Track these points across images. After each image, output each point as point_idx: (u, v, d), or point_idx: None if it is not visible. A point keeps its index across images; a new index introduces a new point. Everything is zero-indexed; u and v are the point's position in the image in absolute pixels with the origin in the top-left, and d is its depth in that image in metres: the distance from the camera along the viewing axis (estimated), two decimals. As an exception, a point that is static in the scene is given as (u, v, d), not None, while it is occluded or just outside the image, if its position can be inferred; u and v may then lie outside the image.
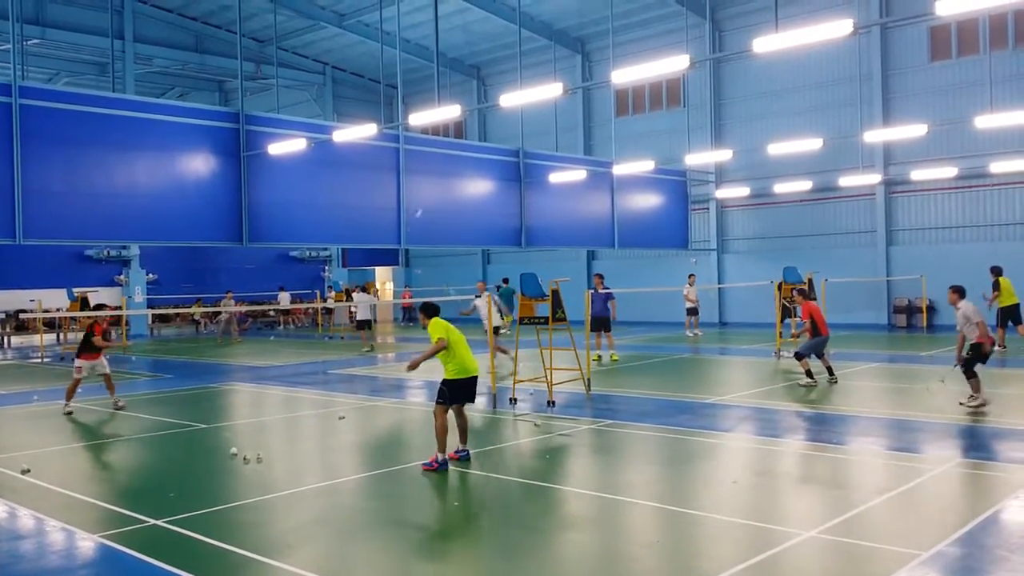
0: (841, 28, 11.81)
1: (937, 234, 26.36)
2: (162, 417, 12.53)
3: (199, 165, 19.10)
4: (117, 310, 21.63)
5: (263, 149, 19.66)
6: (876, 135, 24.08)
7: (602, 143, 32.68)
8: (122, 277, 31.84)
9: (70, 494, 8.07)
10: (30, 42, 28.94)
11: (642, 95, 32.60)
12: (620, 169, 26.97)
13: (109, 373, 13.30)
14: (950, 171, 25.01)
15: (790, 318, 18.86)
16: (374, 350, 23.22)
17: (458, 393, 8.81)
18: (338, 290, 35.10)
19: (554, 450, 9.72)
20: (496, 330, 16.07)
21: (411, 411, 12.81)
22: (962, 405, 11.45)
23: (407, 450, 10.07)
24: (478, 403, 11.78)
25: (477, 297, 17.72)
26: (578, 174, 26.45)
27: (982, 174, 24.94)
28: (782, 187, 27.95)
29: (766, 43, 12.77)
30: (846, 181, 26.32)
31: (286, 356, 22.67)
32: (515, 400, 12.55)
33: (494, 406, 12.58)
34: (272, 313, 36.45)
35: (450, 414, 8.86)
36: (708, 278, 29.97)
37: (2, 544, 6.56)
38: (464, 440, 9.05)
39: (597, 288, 18.27)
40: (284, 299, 33.31)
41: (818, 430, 10.52)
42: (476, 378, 8.90)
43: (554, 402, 12.48)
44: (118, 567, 6.11)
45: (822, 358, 14.28)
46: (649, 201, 29.89)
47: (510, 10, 29.14)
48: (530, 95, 16.81)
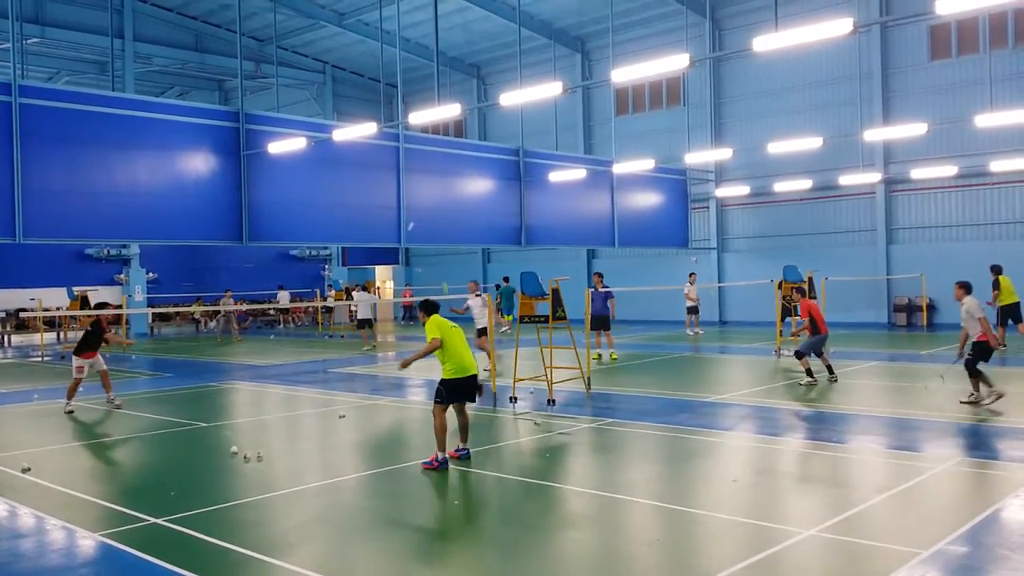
0: (841, 27, 11.81)
1: (937, 233, 26.36)
2: (162, 416, 12.54)
3: (199, 164, 19.10)
4: (118, 309, 21.58)
5: (263, 148, 19.65)
6: (876, 134, 24.07)
7: (602, 142, 32.68)
8: (122, 276, 31.85)
9: (70, 493, 8.07)
10: (30, 41, 28.94)
11: (642, 94, 32.59)
12: (620, 168, 26.96)
13: (106, 370, 13.33)
14: (950, 170, 25.01)
15: (790, 317, 18.86)
16: (375, 349, 23.22)
17: (456, 392, 8.78)
18: (338, 289, 35.10)
19: (554, 449, 9.72)
20: (483, 331, 16.05)
21: (411, 410, 12.81)
22: (963, 404, 11.46)
23: (407, 449, 10.07)
24: (478, 402, 11.78)
25: (477, 296, 17.61)
26: (578, 173, 26.44)
27: (982, 173, 24.94)
28: (782, 186, 27.95)
29: (766, 42, 12.77)
30: (846, 180, 26.32)
31: (286, 355, 22.68)
32: (515, 399, 12.55)
33: (494, 405, 12.59)
34: (272, 312, 36.45)
35: (451, 412, 8.86)
36: (708, 277, 29.97)
37: (3, 543, 6.56)
38: (465, 439, 9.05)
39: (596, 287, 18.25)
40: (283, 298, 33.32)
41: (818, 429, 10.52)
42: (475, 377, 8.88)
43: (554, 401, 12.50)
44: (118, 566, 6.12)
45: (821, 356, 14.29)
46: (649, 200, 29.88)
47: (510, 9, 29.14)
48: (530, 94, 16.79)
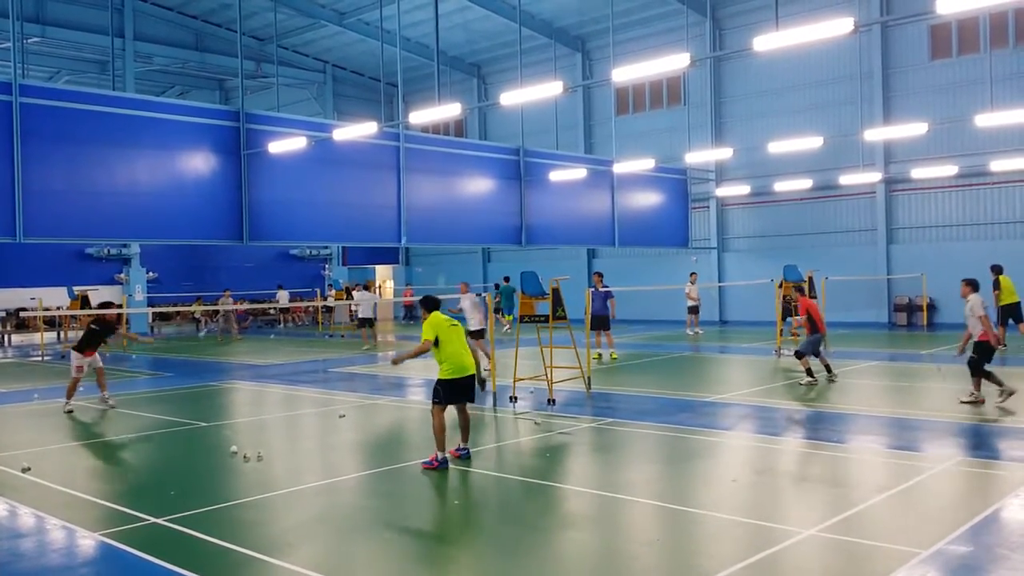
0: (842, 26, 11.80)
1: (937, 232, 26.35)
2: (162, 415, 12.54)
3: (199, 163, 19.09)
4: (119, 308, 21.58)
5: (263, 147, 19.64)
6: (876, 133, 24.06)
7: (602, 141, 32.67)
8: (122, 275, 31.85)
9: (71, 492, 8.08)
10: (30, 40, 28.93)
11: (642, 93, 32.58)
12: (620, 167, 26.94)
13: (103, 368, 13.34)
14: (950, 169, 25.00)
15: (791, 316, 18.86)
16: (375, 348, 23.22)
17: (453, 393, 8.75)
18: (338, 288, 35.10)
19: (554, 448, 9.72)
20: (480, 332, 15.98)
21: (411, 409, 12.81)
22: (963, 403, 11.46)
23: (407, 448, 10.07)
24: (478, 401, 11.78)
25: (477, 296, 17.57)
26: (578, 172, 26.44)
27: (982, 172, 24.93)
28: (782, 185, 27.93)
29: (766, 41, 12.76)
30: (846, 179, 26.30)
31: (286, 354, 22.68)
32: (515, 398, 12.55)
33: (494, 404, 12.58)
34: (272, 311, 36.46)
35: (452, 411, 8.86)
36: (708, 276, 29.96)
37: (3, 542, 6.56)
38: (465, 438, 9.04)
39: (596, 287, 18.24)
40: (283, 297, 33.33)
41: (818, 428, 10.52)
42: (473, 377, 8.87)
43: (554, 400, 12.50)
44: (119, 565, 6.12)
45: (819, 356, 14.29)
46: (649, 199, 29.87)
47: (510, 8, 29.12)
48: (530, 93, 16.78)
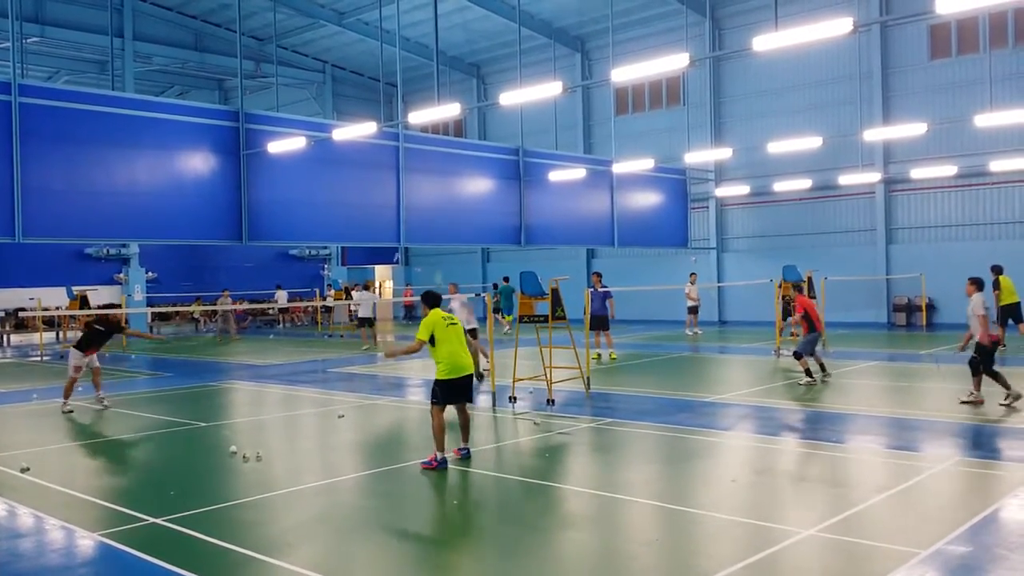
0: (841, 26, 11.80)
1: (937, 232, 26.36)
2: (162, 415, 12.53)
3: (199, 163, 19.09)
4: (118, 308, 21.56)
5: (263, 147, 19.65)
6: (876, 133, 24.06)
7: (602, 141, 32.67)
8: (122, 275, 31.82)
9: (70, 492, 8.07)
10: (30, 40, 28.92)
11: (642, 93, 32.59)
12: (620, 167, 26.95)
13: (99, 368, 13.34)
14: (950, 169, 25.01)
15: (791, 316, 18.85)
16: (375, 348, 23.21)
17: (451, 393, 8.73)
18: (337, 288, 35.08)
19: (553, 448, 9.72)
20: (472, 332, 15.96)
21: (411, 409, 12.80)
22: (962, 403, 11.46)
23: (406, 449, 10.06)
24: (478, 401, 11.79)
25: (467, 297, 17.51)
26: (578, 173, 26.44)
27: (982, 172, 24.94)
28: (782, 185, 27.94)
29: (766, 41, 12.77)
30: (846, 179, 26.31)
31: (285, 354, 22.67)
32: (514, 398, 12.55)
33: (493, 404, 12.58)
34: (272, 311, 36.45)
35: (452, 411, 8.86)
36: (708, 277, 29.96)
37: (2, 542, 6.56)
38: (466, 438, 9.03)
39: (595, 287, 18.23)
40: (281, 297, 33.33)
41: (817, 428, 10.52)
42: (471, 376, 8.87)
43: (553, 400, 12.50)
44: (118, 566, 6.12)
45: (813, 354, 14.28)
46: (649, 200, 29.88)
47: (510, 8, 29.13)
48: (530, 93, 16.78)
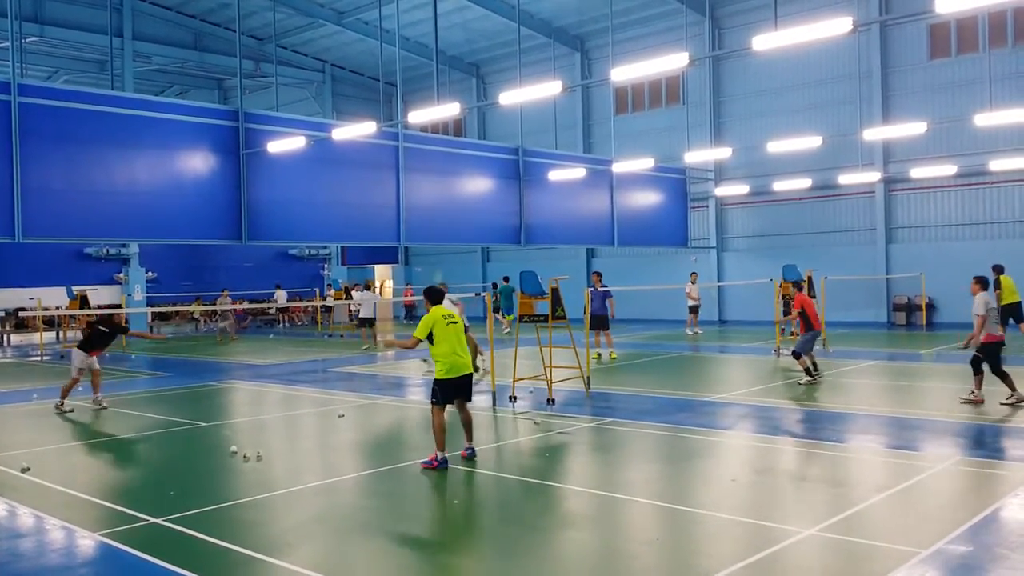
0: (840, 26, 11.80)
1: (937, 232, 26.36)
2: (162, 415, 12.53)
3: (198, 163, 19.08)
4: (117, 309, 21.57)
5: (262, 147, 19.63)
6: (876, 133, 24.06)
7: (601, 141, 32.67)
8: (121, 275, 31.81)
9: (70, 492, 8.07)
10: (29, 40, 28.89)
11: (641, 93, 32.58)
12: (619, 167, 26.94)
13: (99, 370, 13.35)
14: (950, 169, 25.01)
15: (789, 312, 18.86)
16: (375, 348, 23.20)
17: (450, 392, 8.75)
18: (337, 288, 35.07)
19: (553, 448, 9.72)
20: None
21: (411, 409, 12.80)
22: (963, 403, 11.46)
23: (407, 448, 10.06)
24: (477, 401, 11.78)
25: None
26: (577, 172, 26.44)
27: (982, 172, 24.93)
28: (781, 185, 27.94)
29: (765, 41, 12.77)
30: (846, 179, 26.30)
31: (285, 354, 22.67)
32: (515, 398, 12.54)
33: (494, 404, 12.58)
34: (272, 311, 36.45)
35: (453, 411, 8.85)
36: (708, 276, 29.96)
37: (2, 542, 6.56)
38: (469, 437, 9.01)
39: (595, 286, 18.23)
40: (281, 297, 33.32)
41: (817, 428, 10.52)
42: (470, 375, 8.87)
43: (554, 400, 12.49)
44: (118, 565, 6.12)
45: (809, 353, 14.25)
46: (648, 199, 29.87)
47: (509, 8, 29.12)
48: (529, 93, 16.78)
